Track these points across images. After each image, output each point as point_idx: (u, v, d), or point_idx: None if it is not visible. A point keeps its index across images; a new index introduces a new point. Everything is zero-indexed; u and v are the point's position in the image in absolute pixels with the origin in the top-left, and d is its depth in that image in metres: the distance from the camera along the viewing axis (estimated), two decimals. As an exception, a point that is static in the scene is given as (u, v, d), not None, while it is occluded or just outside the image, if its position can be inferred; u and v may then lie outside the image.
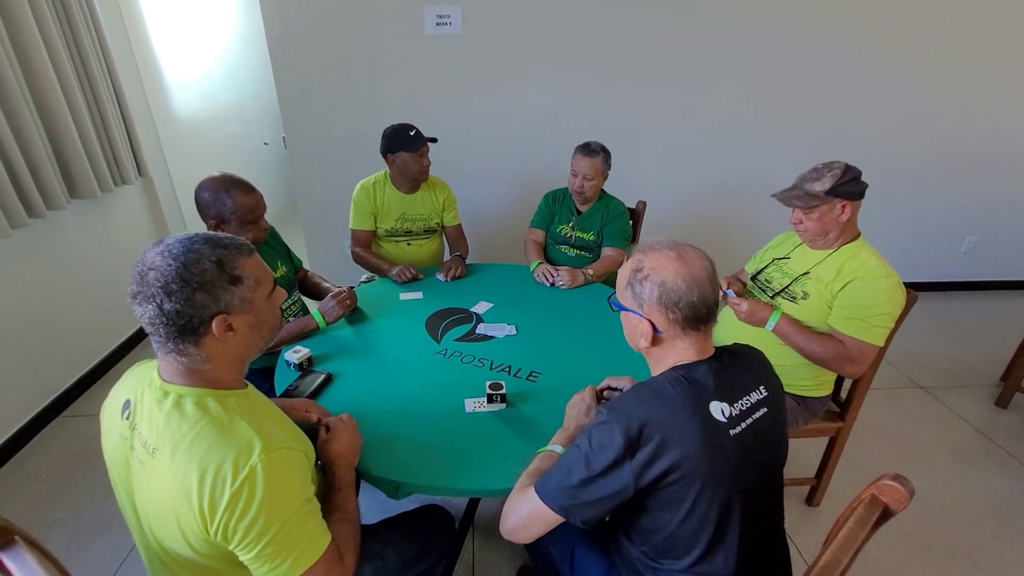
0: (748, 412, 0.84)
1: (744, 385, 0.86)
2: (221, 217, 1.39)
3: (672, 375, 0.83)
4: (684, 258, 0.84)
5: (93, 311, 2.35)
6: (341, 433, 0.98)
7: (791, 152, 2.93)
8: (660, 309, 0.84)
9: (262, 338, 0.82)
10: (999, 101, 2.91)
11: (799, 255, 1.49)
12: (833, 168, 1.31)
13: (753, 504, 0.85)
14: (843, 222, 1.35)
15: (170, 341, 0.73)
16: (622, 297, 0.90)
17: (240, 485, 0.68)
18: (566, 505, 0.81)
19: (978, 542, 1.66)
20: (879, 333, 1.30)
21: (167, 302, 0.69)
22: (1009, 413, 2.27)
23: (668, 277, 0.82)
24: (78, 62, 2.11)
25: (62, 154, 2.06)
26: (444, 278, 1.91)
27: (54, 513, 1.70)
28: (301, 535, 0.74)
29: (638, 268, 0.86)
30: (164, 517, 0.72)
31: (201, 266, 0.71)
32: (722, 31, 2.62)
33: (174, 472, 0.70)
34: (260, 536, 0.70)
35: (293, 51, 2.55)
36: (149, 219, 2.77)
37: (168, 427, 0.72)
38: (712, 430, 0.78)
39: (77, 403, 2.23)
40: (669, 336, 0.86)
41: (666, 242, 0.87)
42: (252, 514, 0.68)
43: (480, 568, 1.55)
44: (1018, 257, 3.44)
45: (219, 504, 0.68)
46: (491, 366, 1.38)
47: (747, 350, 0.93)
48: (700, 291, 0.82)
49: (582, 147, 1.95)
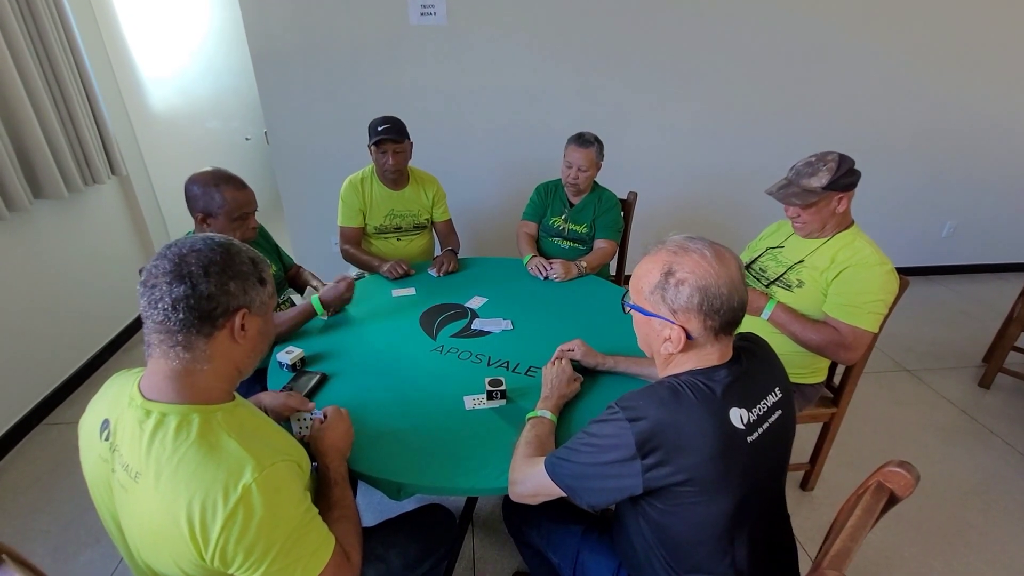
0: (765, 416, 0.81)
1: (762, 389, 0.83)
2: (208, 212, 1.35)
3: (691, 379, 0.78)
4: (723, 259, 0.77)
5: (72, 314, 2.28)
6: (335, 424, 0.99)
7: (778, 139, 2.95)
8: (699, 316, 0.77)
9: (262, 350, 0.81)
10: (978, 88, 2.96)
11: (793, 244, 1.50)
12: (828, 161, 1.31)
13: (763, 504, 0.84)
14: (840, 213, 1.36)
15: (182, 331, 0.69)
16: (645, 301, 0.82)
17: (234, 508, 0.65)
18: (574, 486, 0.82)
19: (966, 520, 1.70)
20: (873, 319, 1.31)
21: (204, 283, 0.69)
22: (992, 393, 2.33)
23: (710, 282, 0.75)
24: (43, 58, 2.01)
25: (24, 153, 1.96)
26: (436, 273, 1.88)
27: (39, 525, 1.64)
28: (305, 546, 0.72)
29: (670, 271, 0.78)
30: (153, 544, 0.70)
31: (240, 258, 0.74)
32: (709, 20, 2.62)
33: (160, 499, 0.66)
34: (263, 556, 0.67)
35: (273, 43, 2.48)
36: (127, 219, 2.68)
37: (151, 451, 0.68)
38: (730, 439, 0.75)
39: (59, 410, 2.17)
40: (700, 343, 0.80)
41: (699, 241, 0.80)
42: (252, 536, 0.66)
43: (480, 564, 1.54)
44: (997, 241, 3.52)
45: (212, 530, 0.65)
46: (489, 362, 1.37)
47: (760, 346, 0.90)
48: (739, 295, 0.77)
49: (576, 138, 1.93)
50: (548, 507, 1.13)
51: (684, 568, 0.84)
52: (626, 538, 0.94)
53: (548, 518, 1.12)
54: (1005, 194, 3.34)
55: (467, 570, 1.52)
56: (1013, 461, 1.94)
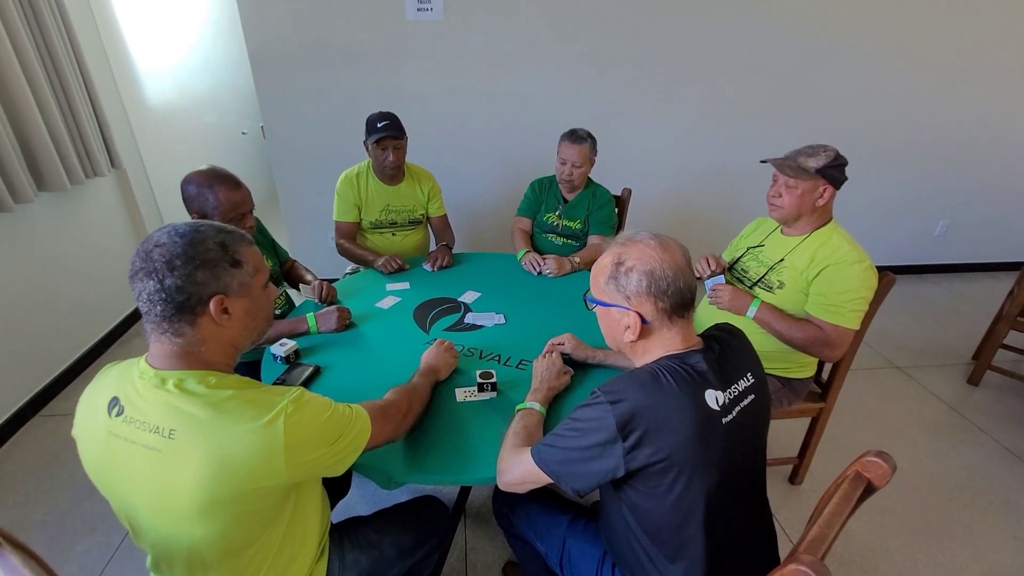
0: (738, 399, 0.85)
1: (734, 372, 0.87)
2: (203, 212, 1.35)
3: (667, 363, 0.83)
4: (666, 246, 0.85)
5: (69, 307, 2.29)
6: (436, 347, 1.26)
7: (772, 137, 2.96)
8: (649, 299, 0.83)
9: (255, 327, 0.83)
10: (972, 88, 2.97)
11: (773, 243, 1.52)
12: (828, 149, 1.35)
13: (740, 487, 0.87)
14: (819, 206, 1.38)
15: (165, 320, 0.72)
16: (601, 292, 0.89)
17: (288, 419, 0.73)
18: (559, 472, 0.85)
19: (952, 514, 1.73)
20: (855, 317, 1.34)
21: (169, 277, 0.70)
22: (980, 390, 2.36)
23: (655, 266, 0.82)
24: (44, 51, 2.02)
25: (28, 145, 1.98)
26: (431, 268, 1.90)
27: (35, 515, 1.66)
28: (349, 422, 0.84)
29: (620, 261, 0.85)
30: (208, 488, 0.70)
31: (205, 245, 0.74)
32: (704, 19, 2.63)
33: (206, 441, 0.69)
34: (322, 443, 0.78)
35: (270, 37, 2.48)
36: (124, 212, 2.69)
37: (181, 405, 0.71)
38: (706, 419, 0.79)
39: (54, 402, 2.18)
40: (656, 327, 0.86)
41: (643, 233, 0.87)
42: (310, 433, 0.76)
43: (472, 555, 1.56)
44: (989, 240, 3.55)
45: (279, 440, 0.71)
46: (480, 355, 1.38)
47: (731, 334, 0.94)
48: (684, 277, 0.83)
49: (568, 134, 1.94)
50: (536, 497, 1.15)
51: (664, 553, 0.86)
52: (609, 525, 0.96)
53: (536, 508, 1.14)
54: (998, 194, 3.36)
55: (459, 560, 1.55)
56: (999, 457, 1.97)
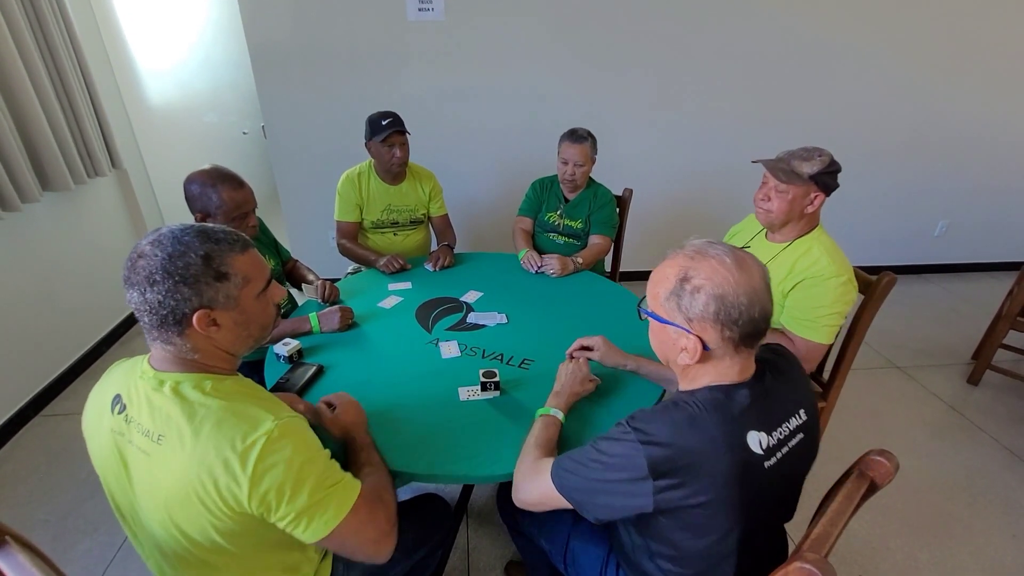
0: (785, 440, 0.77)
1: (784, 410, 0.78)
2: (206, 212, 1.35)
3: (708, 398, 0.74)
4: (744, 266, 0.72)
5: (70, 307, 2.29)
6: (347, 406, 1.04)
7: (773, 138, 2.96)
8: (715, 326, 0.73)
9: (250, 335, 0.81)
10: (971, 88, 2.98)
11: (757, 247, 1.49)
12: (823, 154, 1.31)
13: (775, 519, 0.84)
14: (808, 213, 1.34)
15: (155, 329, 0.73)
16: (659, 306, 0.78)
17: (262, 451, 0.68)
18: (580, 500, 0.79)
19: (952, 514, 1.74)
20: (828, 332, 1.31)
21: (149, 291, 0.69)
22: (980, 390, 2.36)
23: (728, 290, 0.71)
24: (45, 50, 2.02)
25: (32, 145, 1.98)
26: (432, 268, 1.90)
27: (37, 514, 1.66)
28: (334, 483, 0.76)
29: (686, 277, 0.74)
30: (185, 501, 0.71)
31: (186, 259, 0.70)
32: (705, 18, 2.63)
33: (188, 454, 0.69)
34: (296, 493, 0.70)
35: (271, 37, 2.48)
36: (124, 212, 2.69)
37: (172, 412, 0.71)
38: (746, 464, 0.71)
39: (56, 402, 2.18)
40: (718, 354, 0.75)
41: (718, 247, 0.75)
42: (282, 474, 0.69)
43: (474, 554, 1.57)
44: (989, 240, 3.56)
45: (245, 475, 0.68)
46: (483, 354, 1.39)
47: (781, 356, 0.85)
48: (761, 305, 0.72)
49: (569, 134, 1.94)
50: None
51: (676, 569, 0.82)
52: (620, 541, 0.94)
53: None
54: (997, 194, 3.37)
55: (461, 559, 1.55)
56: (999, 456, 1.98)
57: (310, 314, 1.47)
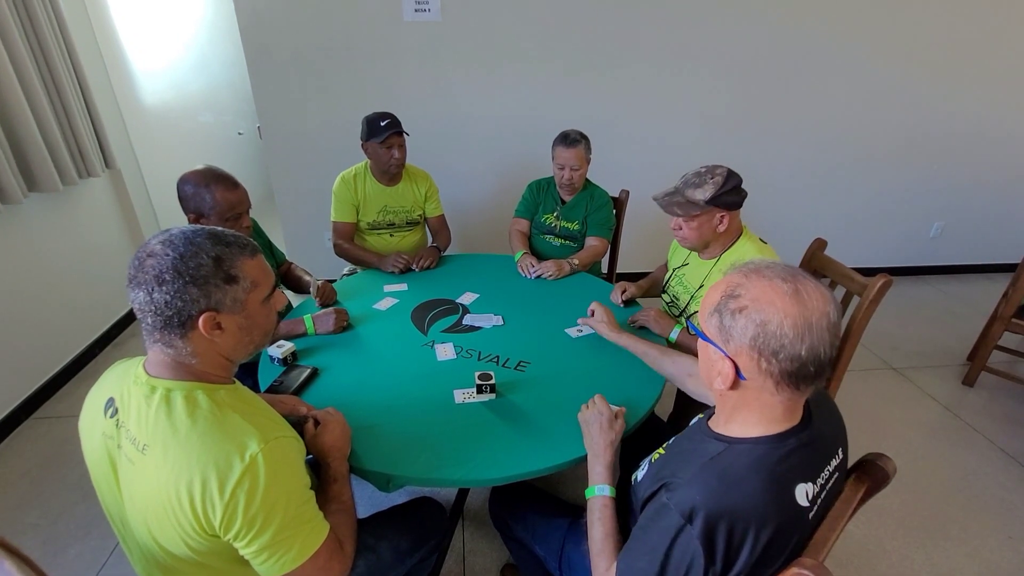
0: (826, 484, 0.72)
1: (827, 452, 0.74)
2: (200, 212, 1.34)
3: (753, 457, 0.68)
4: (800, 297, 0.64)
5: (62, 309, 2.27)
6: (332, 426, 0.98)
7: (769, 140, 2.98)
8: (751, 354, 0.66)
9: (251, 341, 0.80)
10: (966, 91, 2.99)
11: (694, 264, 1.53)
12: (716, 175, 1.29)
13: None
14: (720, 232, 1.35)
15: (157, 331, 0.71)
16: (704, 323, 0.72)
17: (240, 477, 0.67)
18: None
19: (948, 515, 1.74)
20: None
21: (157, 291, 0.68)
22: (975, 391, 2.37)
23: (772, 317, 0.63)
24: (36, 48, 2.00)
25: (19, 145, 1.95)
26: (416, 267, 1.89)
27: (28, 518, 1.64)
28: (303, 523, 0.74)
29: (733, 293, 0.67)
30: (160, 516, 0.70)
31: (198, 260, 0.70)
32: (700, 23, 2.63)
33: (169, 469, 0.68)
34: (264, 527, 0.69)
35: (267, 37, 2.47)
36: (118, 213, 2.67)
37: (159, 423, 0.70)
38: (794, 519, 0.67)
39: (48, 404, 2.15)
40: (754, 387, 0.68)
41: (778, 267, 0.67)
42: (256, 505, 0.68)
43: (470, 557, 1.56)
44: (984, 242, 3.57)
45: (221, 499, 0.67)
46: (479, 357, 1.38)
47: (821, 393, 0.80)
48: (812, 342, 0.63)
49: (561, 139, 1.93)
50: (534, 501, 1.15)
51: None
52: None
53: (534, 512, 1.13)
54: (992, 196, 3.39)
55: (457, 563, 1.54)
56: (994, 458, 1.98)
57: (305, 316, 1.46)
